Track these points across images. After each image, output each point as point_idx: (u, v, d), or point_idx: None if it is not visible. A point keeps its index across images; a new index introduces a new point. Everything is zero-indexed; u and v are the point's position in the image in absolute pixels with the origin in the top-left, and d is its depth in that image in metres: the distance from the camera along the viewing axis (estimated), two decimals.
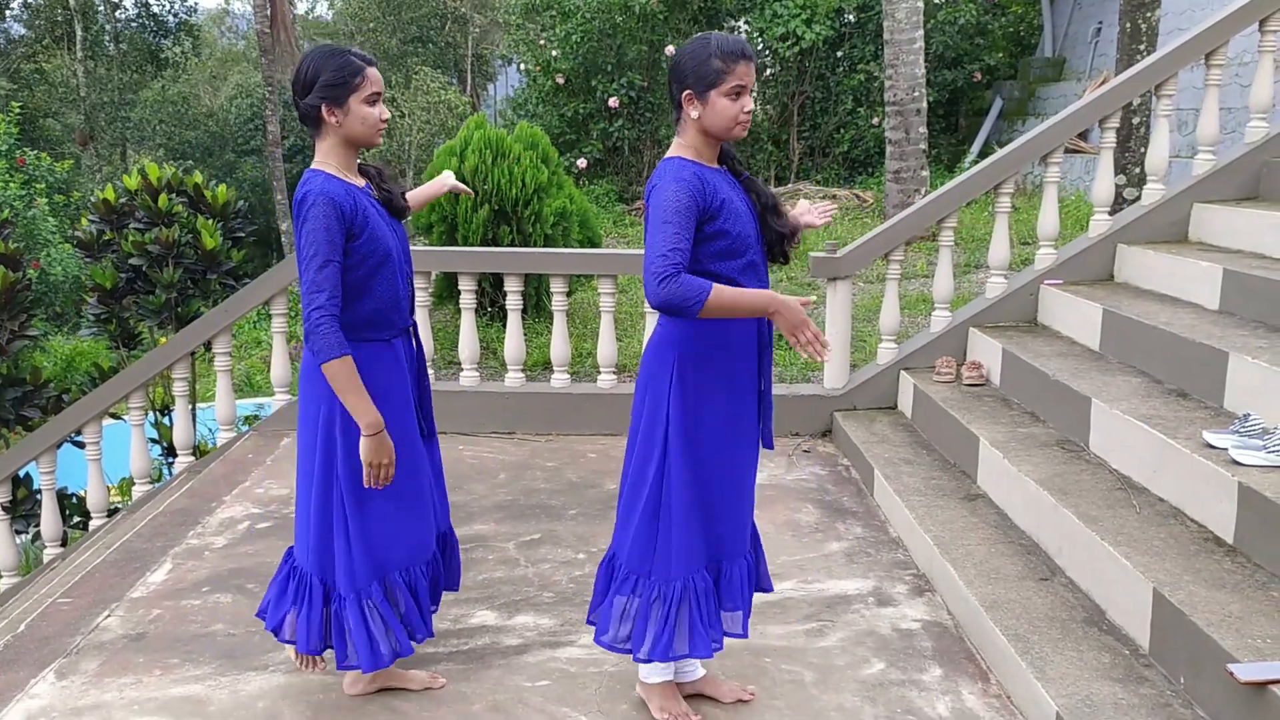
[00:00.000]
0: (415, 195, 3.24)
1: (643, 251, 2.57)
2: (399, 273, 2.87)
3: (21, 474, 5.99)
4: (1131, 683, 2.82)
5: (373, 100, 2.76)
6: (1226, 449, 3.27)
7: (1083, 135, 11.31)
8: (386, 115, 2.83)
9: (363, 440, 2.70)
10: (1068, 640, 3.06)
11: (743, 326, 2.72)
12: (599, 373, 5.75)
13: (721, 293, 2.46)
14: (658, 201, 2.56)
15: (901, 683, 3.12)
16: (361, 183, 2.86)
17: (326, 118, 2.74)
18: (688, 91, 2.60)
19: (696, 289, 2.43)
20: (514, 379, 5.75)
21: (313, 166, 2.78)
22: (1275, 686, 2.39)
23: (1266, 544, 2.97)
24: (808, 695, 3.05)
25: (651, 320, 5.61)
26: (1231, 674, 2.47)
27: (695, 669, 3.00)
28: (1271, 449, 3.16)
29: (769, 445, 2.89)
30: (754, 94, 2.68)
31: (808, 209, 2.98)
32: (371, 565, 2.86)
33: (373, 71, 2.76)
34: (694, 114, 2.62)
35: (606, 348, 5.68)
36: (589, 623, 2.97)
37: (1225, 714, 2.57)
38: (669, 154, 2.69)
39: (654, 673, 2.88)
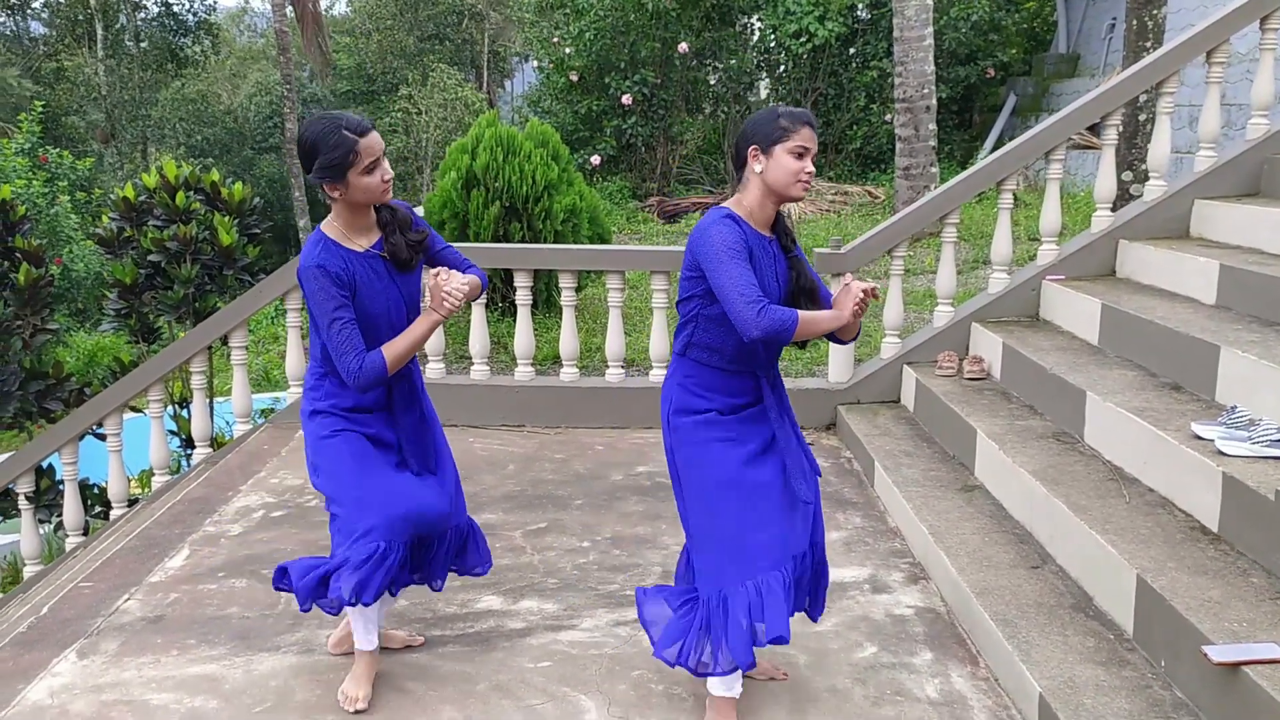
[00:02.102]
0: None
1: (651, 249, 2.70)
2: (383, 331, 2.93)
3: (45, 465, 6.14)
4: (1114, 666, 2.91)
5: (371, 169, 2.81)
6: (1213, 440, 3.34)
7: (1095, 131, 11.34)
8: (389, 174, 2.87)
9: (439, 318, 2.90)
10: (1054, 625, 3.15)
11: (739, 380, 2.83)
12: (607, 367, 5.85)
13: (804, 317, 2.64)
14: (709, 242, 2.67)
15: (893, 666, 3.22)
16: (367, 243, 2.92)
17: (330, 193, 2.85)
18: (754, 146, 2.73)
19: (788, 317, 2.61)
20: (524, 373, 5.86)
21: (320, 227, 2.91)
22: (1248, 668, 2.47)
23: (1248, 532, 3.05)
24: (801, 677, 3.15)
25: (660, 316, 5.71)
26: (1206, 656, 2.55)
27: None
28: (1256, 440, 3.23)
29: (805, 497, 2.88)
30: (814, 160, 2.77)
31: (849, 293, 2.75)
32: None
33: (367, 141, 2.78)
34: (758, 168, 2.73)
35: (614, 343, 5.78)
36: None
37: (1202, 695, 2.65)
38: (718, 205, 2.80)
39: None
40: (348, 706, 3.00)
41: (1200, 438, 3.41)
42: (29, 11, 26.89)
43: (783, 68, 14.47)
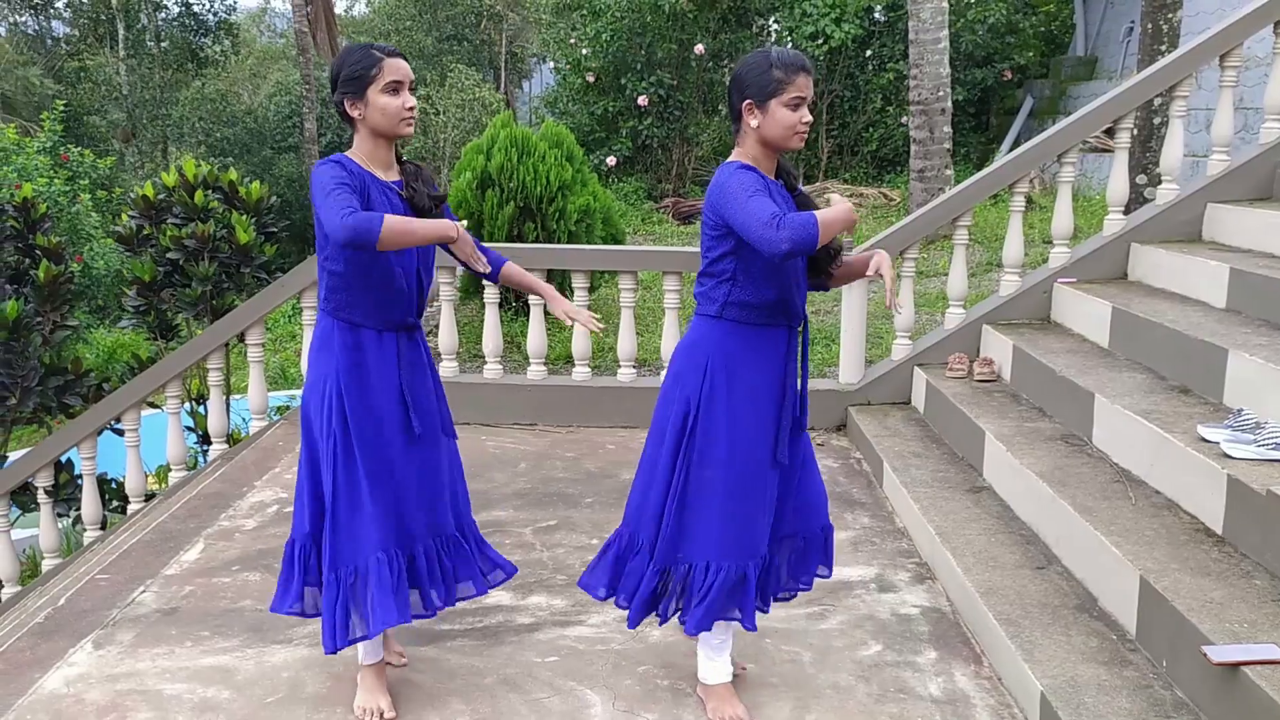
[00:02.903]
0: (514, 275, 3.23)
1: (664, 249, 2.72)
2: (396, 268, 2.84)
3: (63, 460, 6.22)
4: (1116, 665, 2.93)
5: (393, 89, 2.76)
6: (1219, 443, 3.35)
7: (1111, 134, 11.31)
8: (410, 103, 2.79)
9: (459, 240, 2.74)
10: (1058, 625, 3.17)
11: (772, 334, 2.82)
12: (619, 367, 5.89)
13: (820, 214, 2.51)
14: (729, 188, 2.62)
15: (897, 664, 3.24)
16: (389, 177, 2.86)
17: (350, 111, 2.80)
18: (748, 101, 2.68)
19: (807, 218, 2.49)
20: (536, 372, 5.91)
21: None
22: (1247, 668, 2.48)
23: (1252, 534, 3.06)
24: (805, 674, 3.18)
25: (672, 317, 5.75)
26: (1206, 656, 2.57)
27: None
28: (1262, 443, 3.24)
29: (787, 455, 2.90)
30: (812, 106, 2.74)
31: (877, 264, 2.69)
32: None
33: (393, 62, 2.76)
34: (753, 123, 2.69)
35: (627, 343, 5.82)
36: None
37: (1201, 695, 2.67)
38: (727, 160, 2.77)
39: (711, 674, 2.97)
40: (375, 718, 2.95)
41: (1207, 440, 3.43)
42: (51, 11, 27.15)
43: None
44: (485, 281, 3.66)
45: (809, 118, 2.68)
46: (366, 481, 2.85)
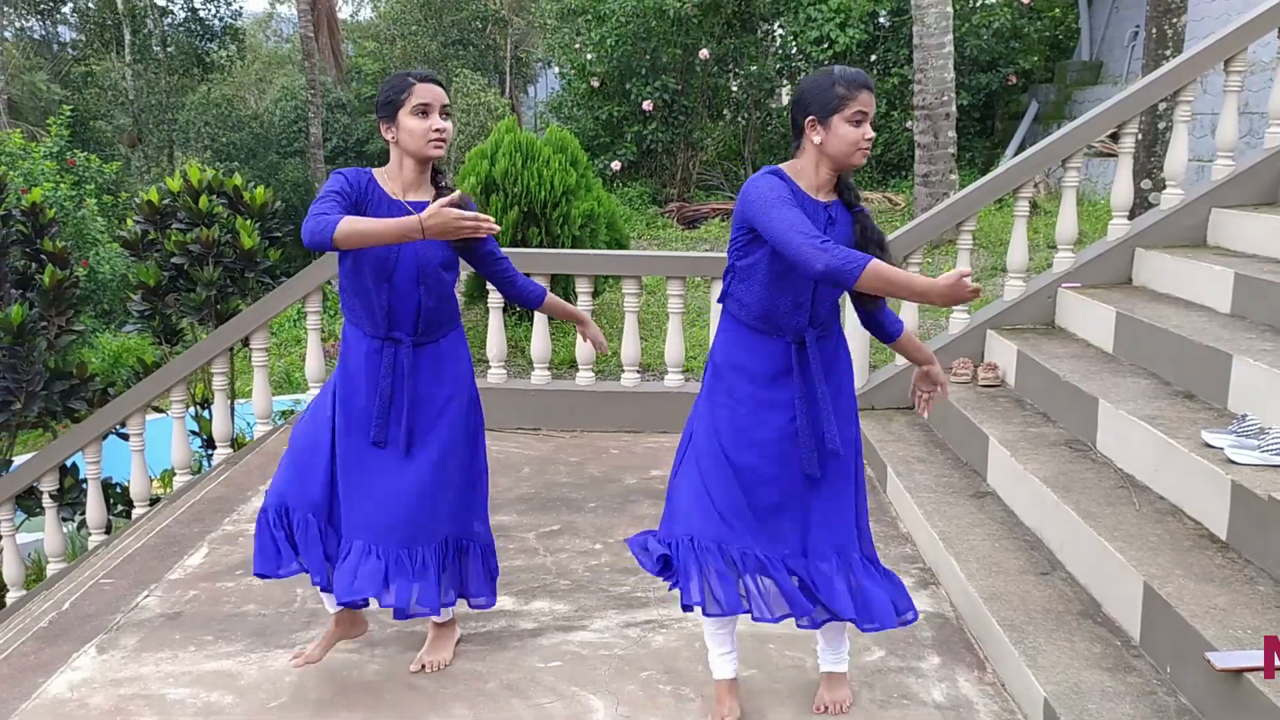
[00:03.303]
0: (556, 306, 3.40)
1: (668, 254, 2.76)
2: (369, 283, 2.93)
3: (68, 464, 6.23)
4: (1120, 672, 2.92)
5: (421, 112, 2.86)
6: (1223, 448, 3.35)
7: (1116, 139, 11.30)
8: (439, 125, 2.88)
9: (428, 233, 2.68)
10: (1061, 631, 3.16)
11: (765, 341, 2.82)
12: (623, 372, 5.89)
13: (880, 264, 2.50)
14: (755, 195, 2.66)
15: (900, 670, 3.24)
16: (415, 197, 2.94)
17: (384, 134, 2.93)
18: (811, 117, 2.69)
19: (859, 256, 2.49)
20: (540, 376, 5.91)
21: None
22: (1250, 674, 2.48)
23: (1256, 540, 3.06)
24: (808, 680, 3.17)
25: (676, 321, 5.75)
26: (1209, 662, 2.56)
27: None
28: (1266, 448, 3.24)
29: (811, 470, 2.83)
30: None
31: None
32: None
33: (423, 86, 2.86)
34: (816, 139, 2.70)
35: (630, 347, 5.83)
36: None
37: (1206, 701, 2.66)
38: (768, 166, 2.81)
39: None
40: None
41: (1211, 446, 3.42)
42: (58, 17, 27.24)
43: (804, 74, 14.49)
44: (490, 287, 3.70)
45: (871, 134, 2.69)
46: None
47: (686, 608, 2.81)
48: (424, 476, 3.03)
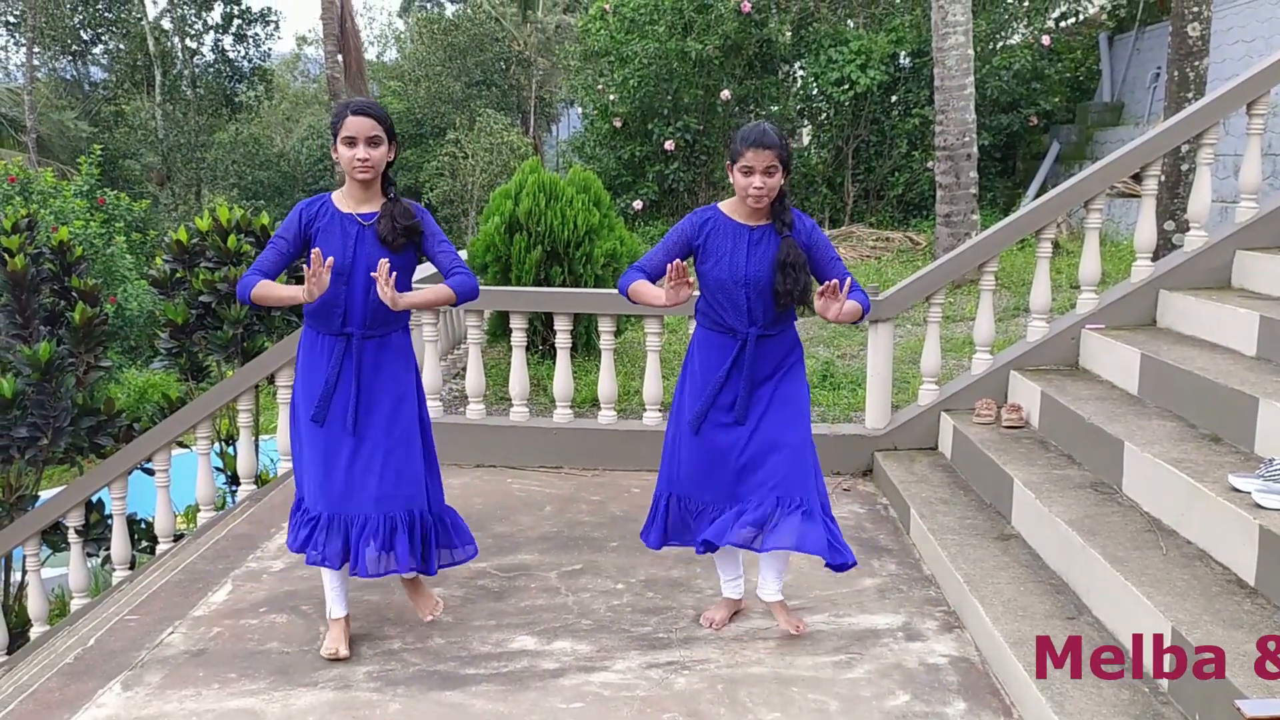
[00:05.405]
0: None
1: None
2: (343, 285, 3.41)
3: (94, 499, 6.28)
4: (1148, 719, 2.89)
5: (348, 143, 3.37)
6: (1250, 493, 3.32)
7: (1139, 179, 11.30)
8: (361, 155, 3.36)
9: (310, 298, 3.28)
10: (1089, 677, 3.12)
11: (720, 338, 3.56)
12: (645, 410, 5.90)
13: (634, 285, 3.51)
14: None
15: (924, 715, 3.21)
16: (363, 209, 3.47)
17: (333, 154, 3.49)
18: (728, 162, 3.45)
19: (624, 281, 3.53)
20: (562, 415, 5.93)
21: None
22: None
23: None
24: None
25: None
26: (1239, 709, 2.53)
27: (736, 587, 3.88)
28: None
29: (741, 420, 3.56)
30: (772, 173, 3.36)
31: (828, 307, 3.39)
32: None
33: (353, 119, 3.35)
34: (731, 179, 3.44)
35: (653, 386, 5.84)
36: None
37: None
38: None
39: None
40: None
41: (1238, 490, 3.39)
42: (90, 58, 27.76)
43: (824, 115, 14.59)
44: (512, 325, 4.12)
45: (759, 184, 3.35)
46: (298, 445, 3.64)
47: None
48: (395, 451, 3.54)
